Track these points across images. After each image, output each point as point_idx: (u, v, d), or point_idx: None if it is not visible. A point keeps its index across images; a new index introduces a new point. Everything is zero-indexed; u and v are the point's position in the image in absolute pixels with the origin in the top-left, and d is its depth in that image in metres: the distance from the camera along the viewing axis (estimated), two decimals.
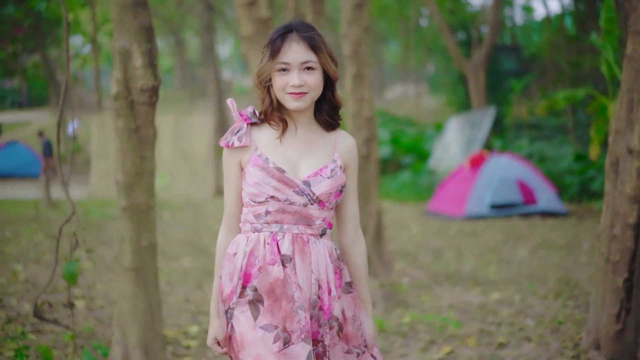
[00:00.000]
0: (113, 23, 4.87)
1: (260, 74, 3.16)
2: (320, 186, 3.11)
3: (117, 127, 4.94)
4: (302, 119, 3.20)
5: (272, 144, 3.17)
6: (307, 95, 3.10)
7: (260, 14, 6.28)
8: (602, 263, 5.39)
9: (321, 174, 3.13)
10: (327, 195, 3.13)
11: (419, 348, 6.15)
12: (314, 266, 3.13)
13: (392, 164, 22.53)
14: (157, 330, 5.23)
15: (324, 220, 3.18)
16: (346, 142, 3.26)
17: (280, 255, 3.10)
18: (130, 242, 5.05)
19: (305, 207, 3.12)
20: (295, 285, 3.08)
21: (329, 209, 3.18)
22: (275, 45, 3.10)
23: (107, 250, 10.47)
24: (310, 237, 3.15)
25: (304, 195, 3.11)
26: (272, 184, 3.08)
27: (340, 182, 3.15)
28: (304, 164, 3.16)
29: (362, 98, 8.78)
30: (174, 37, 49.23)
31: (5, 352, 5.69)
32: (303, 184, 3.10)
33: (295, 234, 3.13)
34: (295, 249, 3.11)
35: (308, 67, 3.09)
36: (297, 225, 3.13)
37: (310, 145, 3.20)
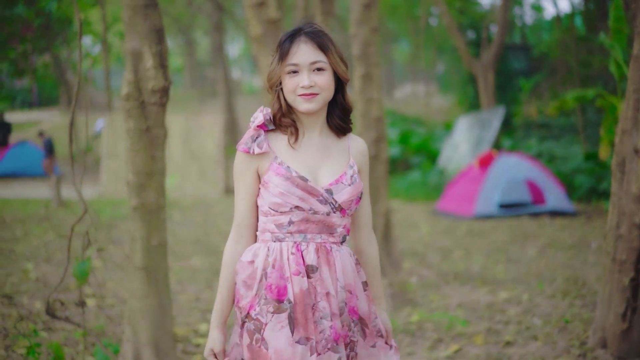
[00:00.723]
0: (124, 25, 4.94)
1: (270, 78, 3.14)
2: (342, 194, 3.09)
3: (128, 128, 5.00)
4: (315, 124, 3.17)
5: (289, 151, 3.13)
6: (318, 96, 3.07)
7: (270, 14, 6.33)
8: (609, 262, 5.43)
9: (342, 181, 3.11)
10: (349, 202, 3.11)
11: (427, 346, 6.21)
12: (339, 274, 3.10)
13: (401, 164, 22.56)
14: (167, 328, 5.29)
15: (345, 227, 3.16)
16: (358, 146, 3.24)
17: (305, 265, 3.07)
18: (140, 241, 5.11)
19: (328, 216, 3.09)
20: (320, 295, 3.06)
21: (348, 216, 3.16)
22: (284, 47, 3.08)
23: (118, 249, 10.54)
24: (333, 246, 3.12)
25: (327, 203, 3.08)
26: (297, 193, 3.04)
27: (359, 189, 3.14)
28: (322, 171, 3.13)
29: (371, 98, 8.83)
30: (183, 36, 49.38)
31: (17, 349, 5.76)
32: (326, 192, 3.08)
33: (318, 243, 3.10)
34: (320, 258, 3.09)
35: (318, 67, 3.06)
36: (321, 234, 3.10)
37: (327, 151, 3.17)
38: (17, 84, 29.54)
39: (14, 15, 17.37)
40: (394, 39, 50.12)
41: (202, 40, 56.30)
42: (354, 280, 3.16)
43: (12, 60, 19.49)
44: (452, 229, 13.25)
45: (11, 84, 27.20)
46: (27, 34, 18.52)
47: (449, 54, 33.11)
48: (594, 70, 22.09)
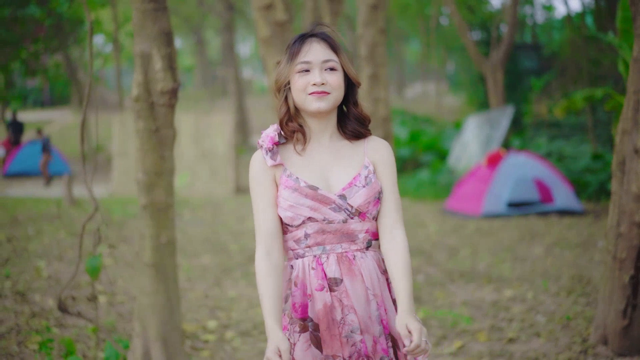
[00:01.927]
0: (134, 28, 5.06)
1: (278, 79, 3.07)
2: (357, 197, 2.98)
3: (138, 128, 5.13)
4: (325, 128, 3.09)
5: (298, 160, 3.05)
6: (329, 95, 2.99)
7: (277, 17, 6.44)
8: (609, 260, 5.53)
9: (355, 183, 2.99)
10: (366, 205, 2.98)
11: (431, 343, 6.31)
12: (368, 281, 2.98)
13: (411, 163, 22.61)
14: (176, 324, 5.41)
15: (367, 232, 3.03)
16: (376, 145, 3.11)
17: (327, 279, 2.97)
18: (150, 239, 5.24)
19: (346, 223, 2.98)
20: (348, 308, 2.95)
21: (370, 219, 3.03)
22: (295, 46, 3.03)
23: (128, 247, 10.65)
24: (357, 253, 3.00)
25: (341, 210, 2.97)
26: (307, 204, 2.96)
27: (376, 189, 3.01)
28: (335, 175, 3.03)
29: (378, 98, 8.95)
30: (194, 36, 49.54)
31: (30, 344, 5.89)
32: (339, 199, 2.97)
33: (339, 253, 2.98)
34: (342, 269, 2.97)
35: (330, 67, 3.01)
36: (341, 243, 2.99)
37: (339, 154, 3.07)
38: (29, 83, 29.78)
39: (25, 15, 17.52)
40: (404, 38, 50.18)
41: (213, 39, 56.47)
42: (381, 291, 3.01)
43: (24, 60, 19.64)
44: (460, 227, 13.32)
45: (23, 83, 27.41)
46: (39, 34, 18.67)
47: (459, 53, 33.15)
48: (604, 70, 22.09)
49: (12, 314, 6.73)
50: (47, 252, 10.06)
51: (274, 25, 6.45)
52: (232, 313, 7.56)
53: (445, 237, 12.33)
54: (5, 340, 5.97)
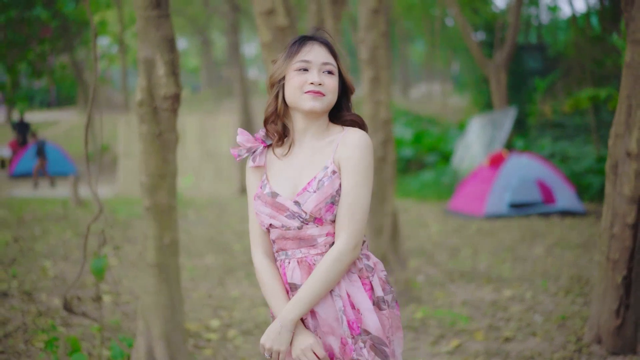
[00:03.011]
0: (138, 34, 5.19)
1: (273, 74, 3.10)
2: (309, 203, 2.94)
3: (142, 132, 5.26)
4: (309, 128, 3.07)
5: (279, 162, 3.09)
6: (324, 97, 3.00)
7: (279, 22, 6.54)
8: (603, 261, 5.64)
9: (308, 188, 2.96)
10: (318, 211, 2.94)
11: (429, 342, 6.44)
12: None
13: (414, 163, 22.70)
14: (178, 323, 5.53)
15: (329, 235, 2.98)
16: (347, 138, 3.01)
17: (289, 283, 3.01)
18: (153, 240, 5.37)
19: (301, 229, 2.97)
20: (307, 315, 2.98)
21: (330, 222, 2.98)
22: (295, 45, 3.06)
23: (133, 247, 10.77)
24: (317, 257, 2.98)
25: (295, 217, 2.97)
26: (266, 211, 3.01)
27: (329, 193, 2.94)
28: (301, 179, 3.03)
29: (379, 101, 9.04)
30: (200, 36, 49.63)
31: (36, 343, 6.02)
32: (294, 205, 2.96)
33: (299, 258, 3.00)
34: (303, 274, 2.98)
35: (328, 70, 3.03)
36: (300, 248, 2.99)
37: (313, 156, 3.05)
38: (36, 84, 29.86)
39: (32, 17, 17.64)
40: (409, 38, 50.22)
41: (219, 39, 56.55)
42: (352, 292, 2.96)
43: (30, 61, 19.76)
44: (462, 228, 13.42)
45: (30, 84, 27.50)
46: (45, 35, 18.79)
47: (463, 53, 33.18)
48: (608, 70, 22.12)
49: (19, 313, 6.85)
50: (53, 252, 10.17)
51: (276, 30, 6.55)
52: (235, 312, 7.69)
53: (447, 237, 12.42)
54: (12, 338, 6.10)
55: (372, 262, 3.09)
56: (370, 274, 3.03)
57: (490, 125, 19.36)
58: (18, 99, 24.32)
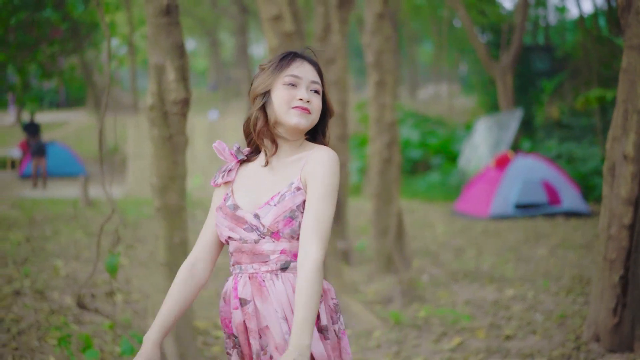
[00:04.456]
0: (148, 41, 5.37)
1: (258, 86, 3.01)
2: (267, 216, 2.89)
3: (152, 135, 5.45)
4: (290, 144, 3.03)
5: (247, 175, 3.06)
6: (310, 115, 2.96)
7: (286, 27, 6.71)
8: (601, 261, 5.79)
9: (270, 202, 2.91)
10: (275, 224, 2.88)
11: (432, 339, 6.60)
12: (276, 304, 2.88)
13: (421, 164, 22.81)
14: (188, 320, 5.70)
15: (283, 252, 2.91)
16: (314, 154, 2.95)
17: (239, 299, 2.93)
18: (163, 240, 5.55)
19: (257, 243, 2.91)
20: (250, 332, 2.92)
21: (288, 239, 2.91)
22: (284, 61, 3.01)
23: (143, 247, 10.90)
24: (266, 275, 2.90)
25: (253, 230, 2.91)
26: (226, 224, 2.97)
27: (288, 207, 2.89)
28: (264, 193, 2.98)
29: (384, 104, 9.20)
30: (209, 37, 49.78)
31: (49, 340, 6.19)
32: (253, 218, 2.91)
33: (250, 273, 2.92)
34: (253, 290, 2.91)
35: (315, 89, 2.99)
36: (252, 264, 2.92)
37: (282, 171, 3.00)
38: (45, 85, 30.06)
39: (42, 18, 17.80)
40: (417, 39, 50.26)
41: (227, 40, 56.70)
42: (291, 312, 2.88)
43: (40, 62, 19.93)
44: (467, 229, 13.54)
45: (39, 85, 27.69)
46: (55, 36, 18.94)
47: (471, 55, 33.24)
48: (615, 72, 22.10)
49: (32, 311, 7.00)
50: (64, 252, 10.29)
51: (283, 36, 6.72)
52: None
53: (452, 238, 12.55)
54: (26, 335, 6.26)
55: (325, 287, 2.99)
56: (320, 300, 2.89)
57: (497, 127, 19.47)
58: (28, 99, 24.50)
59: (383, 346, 6.61)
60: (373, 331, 7.04)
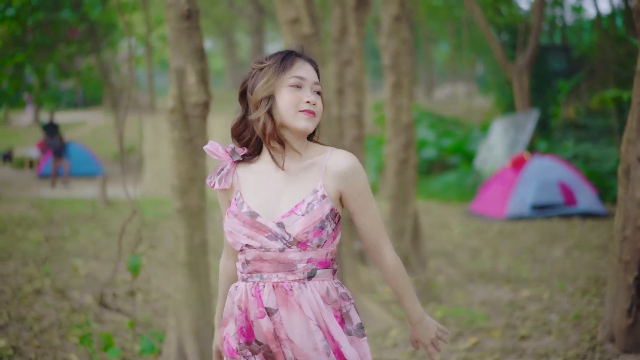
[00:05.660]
0: (170, 45, 5.47)
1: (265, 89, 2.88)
2: (295, 226, 2.81)
3: (173, 138, 5.55)
4: (296, 146, 2.93)
5: (254, 181, 2.94)
6: (315, 117, 2.89)
7: (304, 30, 6.78)
8: (615, 262, 5.84)
9: (296, 211, 2.82)
10: (304, 234, 2.81)
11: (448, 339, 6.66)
12: (308, 312, 2.82)
13: (437, 165, 22.84)
14: (208, 319, 5.80)
15: (310, 261, 2.85)
16: (336, 166, 2.88)
17: (265, 308, 2.84)
18: (184, 240, 5.65)
19: (283, 252, 2.83)
20: (282, 341, 2.85)
21: (314, 247, 2.85)
22: (285, 61, 2.90)
23: (161, 247, 10.99)
24: (294, 284, 2.84)
25: (277, 239, 2.83)
26: (244, 231, 2.86)
27: (318, 217, 2.82)
28: (284, 200, 2.88)
29: (401, 105, 9.27)
30: (225, 38, 49.94)
31: (70, 338, 6.30)
32: (277, 227, 2.83)
33: (275, 282, 2.84)
34: (278, 299, 2.84)
35: (317, 90, 2.91)
36: (277, 273, 2.84)
37: (294, 177, 2.91)
38: (63, 85, 30.26)
39: (59, 19, 17.93)
40: (434, 39, 50.24)
41: (244, 40, 56.84)
42: (323, 318, 2.85)
43: (57, 63, 20.06)
44: (483, 229, 13.57)
45: (57, 85, 27.86)
46: (72, 37, 19.08)
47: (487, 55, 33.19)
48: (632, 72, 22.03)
49: (53, 309, 7.11)
50: (83, 252, 10.40)
51: (301, 39, 6.79)
52: None
53: (468, 238, 12.59)
54: (47, 334, 6.37)
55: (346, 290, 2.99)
56: (348, 302, 2.94)
57: (513, 128, 19.47)
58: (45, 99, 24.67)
59: (399, 345, 6.68)
60: (389, 330, 7.11)
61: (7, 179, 22.74)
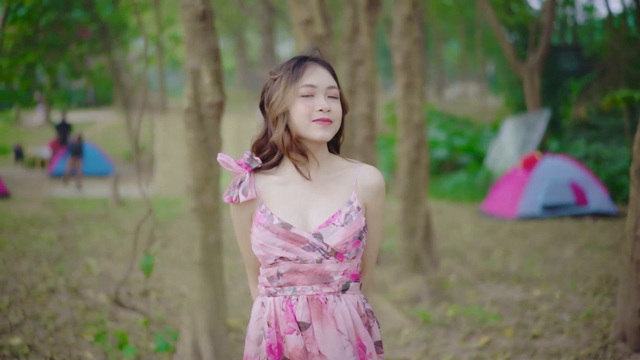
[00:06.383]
0: (185, 45, 5.52)
1: (279, 104, 2.80)
2: (334, 237, 2.74)
3: (188, 138, 5.61)
4: (316, 157, 2.86)
5: (279, 192, 2.84)
6: (332, 124, 2.79)
7: (317, 31, 6.83)
8: (627, 262, 5.86)
9: (334, 222, 2.76)
10: (344, 245, 2.75)
11: (460, 338, 6.70)
12: (342, 326, 2.76)
13: (448, 165, 22.85)
14: (222, 317, 5.85)
15: (345, 273, 2.80)
16: (366, 180, 2.87)
17: (297, 322, 2.76)
18: (199, 239, 5.71)
19: (320, 263, 2.76)
20: (312, 356, 2.77)
21: (350, 259, 2.80)
22: (295, 70, 2.81)
23: (173, 247, 11.05)
24: (329, 297, 2.78)
25: (315, 250, 2.75)
26: (279, 243, 2.75)
27: (357, 228, 2.78)
28: (316, 210, 2.81)
29: (413, 105, 9.30)
30: (235, 37, 50.03)
31: (85, 336, 6.35)
32: (314, 237, 2.75)
33: (310, 295, 2.77)
34: (312, 313, 2.76)
35: (332, 95, 2.81)
36: (312, 285, 2.77)
37: (324, 187, 2.85)
38: (74, 85, 30.39)
39: (71, 19, 18.03)
40: (444, 39, 50.21)
41: (254, 40, 56.93)
42: (357, 332, 2.82)
43: (69, 62, 20.18)
44: (494, 229, 13.59)
45: (68, 85, 27.99)
46: (83, 37, 19.20)
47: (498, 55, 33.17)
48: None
49: (67, 308, 7.18)
50: (96, 250, 10.47)
51: (314, 39, 6.83)
52: None
53: (479, 238, 12.61)
54: (62, 332, 6.43)
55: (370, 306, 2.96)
56: (372, 318, 2.92)
57: (524, 127, 19.46)
58: (57, 99, 24.79)
59: (412, 344, 6.72)
60: (402, 330, 7.15)
61: (18, 179, 22.85)
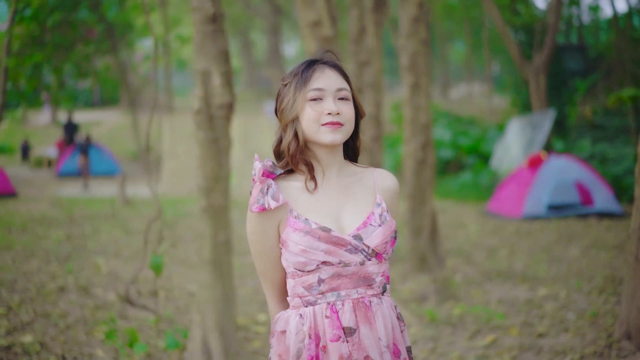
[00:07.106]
0: (195, 47, 5.60)
1: (288, 111, 2.78)
2: (374, 237, 2.72)
3: (199, 138, 5.69)
4: (334, 161, 2.82)
5: (305, 198, 2.77)
6: (343, 127, 2.74)
7: (324, 32, 6.90)
8: (632, 261, 5.91)
9: (370, 222, 2.74)
10: (383, 245, 2.73)
11: (466, 336, 6.77)
12: (381, 332, 2.70)
13: (453, 165, 22.89)
14: (231, 315, 5.93)
15: (384, 274, 2.78)
16: (385, 182, 2.89)
17: (343, 328, 2.68)
18: (209, 238, 5.78)
19: (363, 265, 2.71)
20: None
21: (386, 260, 2.78)
22: (304, 74, 2.77)
23: (181, 246, 11.12)
24: (373, 299, 2.73)
25: (358, 251, 2.70)
26: (322, 247, 2.66)
27: (392, 228, 2.77)
28: (347, 213, 2.77)
29: (419, 106, 9.36)
30: (241, 37, 50.11)
31: (95, 334, 6.43)
32: (354, 239, 2.71)
33: (355, 299, 2.70)
34: (359, 316, 2.69)
35: (342, 96, 2.76)
36: (357, 288, 2.71)
37: (349, 190, 2.82)
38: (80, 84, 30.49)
39: (77, 19, 18.10)
40: (450, 38, 50.22)
41: (260, 40, 57.00)
42: (395, 336, 2.78)
43: (75, 62, 20.25)
44: (500, 229, 13.62)
45: (74, 84, 28.07)
46: (90, 37, 19.27)
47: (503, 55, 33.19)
48: None
49: (77, 306, 7.26)
50: (104, 250, 10.55)
51: (321, 41, 6.91)
52: None
53: (485, 238, 12.65)
54: (73, 330, 6.51)
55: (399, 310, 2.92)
56: (403, 323, 2.88)
57: (530, 127, 19.49)
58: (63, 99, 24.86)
59: (419, 343, 6.79)
60: (409, 328, 7.21)
61: (25, 178, 22.95)
